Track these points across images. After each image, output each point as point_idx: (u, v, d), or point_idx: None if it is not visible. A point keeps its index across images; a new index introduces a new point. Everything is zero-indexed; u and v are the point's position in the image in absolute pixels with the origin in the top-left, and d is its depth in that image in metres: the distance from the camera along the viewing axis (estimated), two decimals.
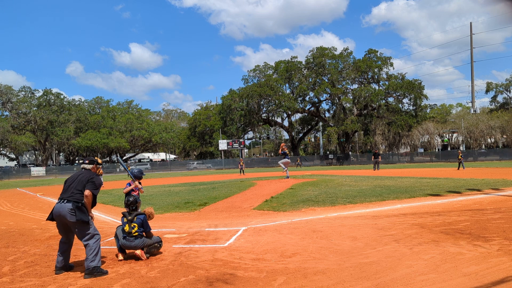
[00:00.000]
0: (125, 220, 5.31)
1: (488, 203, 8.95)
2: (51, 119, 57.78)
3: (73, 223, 4.49)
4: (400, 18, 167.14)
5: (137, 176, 6.71)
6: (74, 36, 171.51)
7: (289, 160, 18.18)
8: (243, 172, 31.16)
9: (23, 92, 60.28)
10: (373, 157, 30.25)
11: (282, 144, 18.30)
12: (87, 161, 4.98)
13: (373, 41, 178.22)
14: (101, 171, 22.48)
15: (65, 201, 4.54)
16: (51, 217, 4.66)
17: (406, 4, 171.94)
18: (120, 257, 5.18)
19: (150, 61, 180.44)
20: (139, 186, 6.57)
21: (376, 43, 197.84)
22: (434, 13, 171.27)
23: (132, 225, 5.22)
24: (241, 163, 32.30)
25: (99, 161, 5.11)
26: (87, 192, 4.58)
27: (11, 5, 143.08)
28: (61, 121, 58.98)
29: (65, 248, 4.71)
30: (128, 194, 6.33)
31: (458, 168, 25.11)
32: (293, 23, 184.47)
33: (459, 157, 25.48)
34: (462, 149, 54.30)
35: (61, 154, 73.88)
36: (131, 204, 5.43)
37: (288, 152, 18.12)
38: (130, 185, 6.59)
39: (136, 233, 5.18)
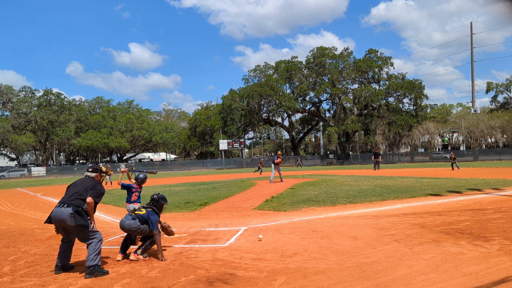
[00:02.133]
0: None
1: (488, 203, 8.94)
2: (52, 119, 57.76)
3: (72, 227, 4.49)
4: (399, 18, 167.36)
5: (137, 178, 6.74)
6: (74, 36, 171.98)
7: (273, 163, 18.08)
8: (260, 171, 31.36)
9: (23, 92, 60.31)
10: (373, 157, 30.24)
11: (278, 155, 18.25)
12: (90, 169, 4.95)
13: (373, 41, 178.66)
14: (110, 171, 22.47)
15: (65, 206, 4.51)
16: (49, 221, 4.64)
17: (405, 4, 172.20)
18: (119, 257, 5.18)
19: (150, 61, 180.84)
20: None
21: (376, 43, 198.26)
22: (434, 13, 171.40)
23: (141, 208, 5.27)
24: (261, 163, 33.34)
25: (103, 169, 5.05)
26: (89, 199, 4.57)
27: (11, 5, 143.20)
28: (61, 121, 58.98)
29: (66, 247, 4.72)
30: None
31: (458, 168, 25.31)
32: (293, 23, 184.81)
33: (452, 158, 26.33)
34: (462, 149, 54.42)
35: (61, 154, 73.90)
36: (153, 201, 5.57)
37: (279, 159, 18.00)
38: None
39: (137, 213, 5.19)
